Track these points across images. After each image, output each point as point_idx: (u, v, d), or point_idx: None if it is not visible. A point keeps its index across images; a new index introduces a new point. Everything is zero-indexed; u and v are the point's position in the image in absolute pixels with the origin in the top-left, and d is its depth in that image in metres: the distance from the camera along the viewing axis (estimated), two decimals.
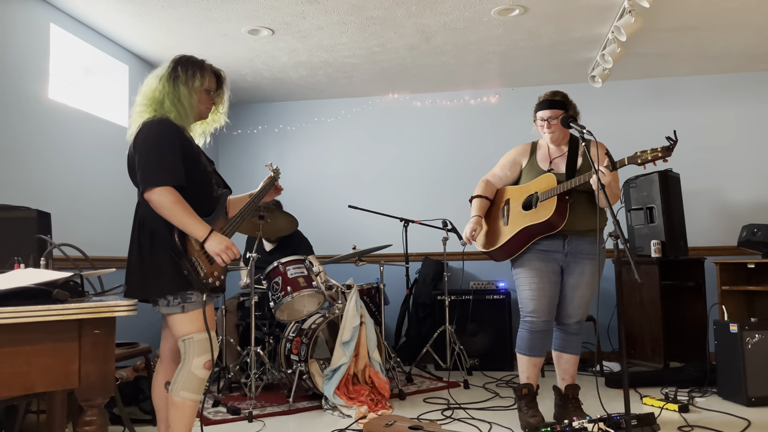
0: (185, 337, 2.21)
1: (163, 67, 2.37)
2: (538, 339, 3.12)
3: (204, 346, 2.22)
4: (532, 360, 3.15)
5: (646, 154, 2.80)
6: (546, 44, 4.50)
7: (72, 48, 3.97)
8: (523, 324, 3.16)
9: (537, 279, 3.09)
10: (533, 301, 3.09)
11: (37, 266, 1.58)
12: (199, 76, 2.36)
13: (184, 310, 2.21)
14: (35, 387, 1.36)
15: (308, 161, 5.82)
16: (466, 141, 5.59)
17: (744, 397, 3.42)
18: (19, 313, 1.27)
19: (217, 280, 2.28)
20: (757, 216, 5.07)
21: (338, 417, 3.39)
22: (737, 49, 4.68)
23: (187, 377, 2.18)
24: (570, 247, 3.10)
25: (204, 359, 2.21)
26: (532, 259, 3.12)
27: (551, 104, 3.13)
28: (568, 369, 3.19)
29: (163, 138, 2.22)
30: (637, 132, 5.31)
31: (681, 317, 4.72)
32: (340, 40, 4.34)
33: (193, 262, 2.19)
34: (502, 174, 3.34)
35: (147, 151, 2.20)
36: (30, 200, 3.37)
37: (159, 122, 2.24)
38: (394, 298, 5.27)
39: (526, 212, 3.12)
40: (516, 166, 3.31)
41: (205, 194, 2.33)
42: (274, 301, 3.74)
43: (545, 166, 3.19)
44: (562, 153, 3.21)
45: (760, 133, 5.20)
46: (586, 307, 3.15)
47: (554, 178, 3.06)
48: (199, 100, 2.37)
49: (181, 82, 2.32)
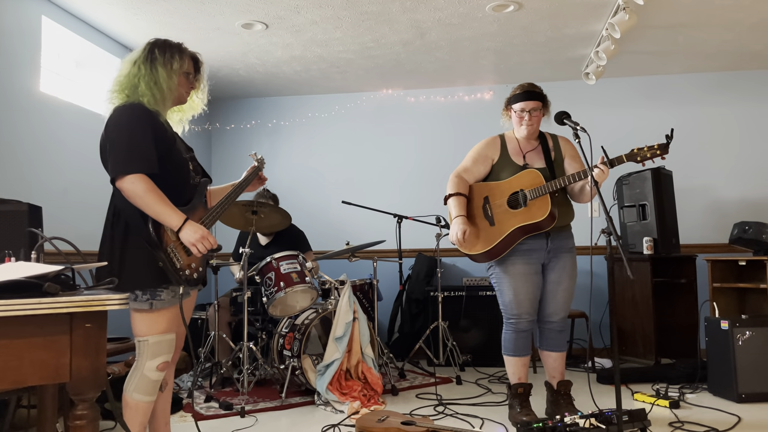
0: (141, 338, 2.13)
1: (138, 51, 2.28)
2: (525, 338, 3.13)
3: (159, 348, 2.14)
4: (521, 360, 3.15)
5: (644, 151, 2.79)
6: (540, 41, 4.50)
7: (64, 41, 3.94)
8: (508, 326, 3.13)
9: (520, 282, 3.06)
10: (517, 305, 3.07)
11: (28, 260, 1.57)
12: (178, 58, 2.28)
13: (152, 308, 2.13)
14: (26, 381, 1.35)
15: (302, 156, 5.81)
16: (460, 137, 5.59)
17: (734, 393, 3.44)
18: (9, 307, 1.25)
19: (194, 272, 2.20)
20: (749, 214, 5.10)
21: (331, 412, 3.39)
22: (730, 47, 4.69)
23: (140, 379, 2.12)
24: (552, 243, 3.09)
25: (158, 361, 2.14)
26: (515, 263, 3.06)
27: (532, 95, 3.08)
28: (557, 367, 3.19)
29: (134, 123, 2.13)
30: (629, 130, 5.33)
31: (672, 314, 4.75)
32: (334, 35, 4.33)
33: (169, 253, 2.11)
34: (475, 169, 3.20)
35: (118, 138, 2.12)
36: (21, 194, 3.34)
37: (131, 107, 2.16)
38: (387, 294, 5.28)
39: (515, 211, 3.03)
40: (487, 160, 3.20)
41: (179, 182, 2.25)
42: (266, 296, 3.73)
43: (519, 161, 3.13)
44: (533, 147, 3.16)
45: (752, 131, 5.22)
46: (569, 302, 3.14)
47: (540, 175, 3.00)
48: (178, 83, 2.29)
49: (159, 64, 2.23)
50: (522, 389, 3.14)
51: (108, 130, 2.16)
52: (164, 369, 2.17)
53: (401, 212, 5.02)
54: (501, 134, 3.26)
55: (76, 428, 1.38)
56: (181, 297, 2.20)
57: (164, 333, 2.16)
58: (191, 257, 2.19)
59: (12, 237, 2.22)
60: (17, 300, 1.27)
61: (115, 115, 2.16)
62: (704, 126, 5.28)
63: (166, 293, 2.16)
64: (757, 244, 4.29)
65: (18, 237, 2.22)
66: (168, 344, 2.18)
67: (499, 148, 3.20)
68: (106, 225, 2.21)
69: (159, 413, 2.34)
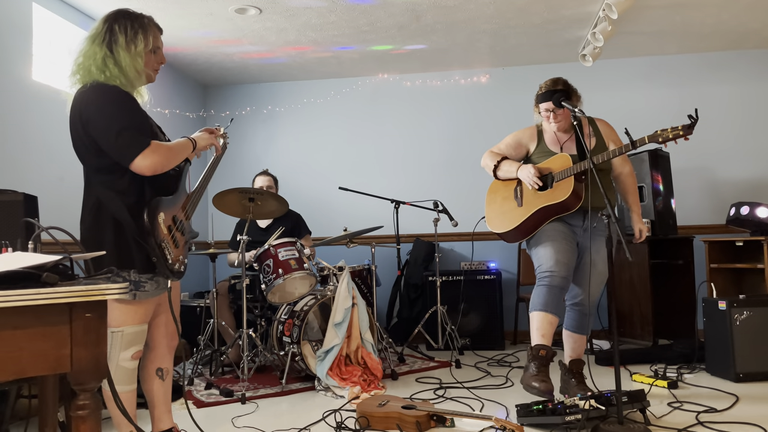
0: (116, 329, 2.09)
1: (95, 28, 2.13)
2: (556, 295, 2.98)
3: (134, 339, 2.11)
4: (548, 317, 2.95)
5: (667, 132, 2.77)
6: (537, 22, 4.46)
7: (55, 28, 3.89)
8: (541, 280, 3.03)
9: (559, 239, 3.05)
10: (552, 258, 3.00)
11: (25, 250, 1.55)
12: (142, 36, 2.13)
13: (135, 298, 2.10)
14: (26, 371, 1.34)
15: (298, 143, 5.78)
16: (457, 121, 5.57)
17: (732, 373, 3.47)
18: (7, 298, 1.24)
19: (182, 265, 2.18)
20: (746, 194, 5.10)
21: (331, 398, 3.40)
22: (727, 27, 4.67)
23: (116, 371, 2.09)
24: (588, 223, 3.10)
25: (132, 351, 2.11)
26: (555, 227, 3.08)
27: (553, 95, 3.08)
28: (577, 348, 3.20)
29: (118, 104, 2.05)
30: (627, 111, 5.30)
31: (670, 295, 4.76)
32: (328, 18, 4.28)
33: (163, 246, 2.07)
34: (507, 153, 3.28)
35: (108, 124, 2.01)
36: (16, 184, 3.31)
37: (108, 90, 2.06)
38: (385, 280, 5.28)
39: (541, 193, 3.09)
40: (521, 148, 3.26)
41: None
42: (265, 283, 3.72)
43: (556, 150, 3.17)
44: (570, 136, 3.19)
45: (749, 112, 5.21)
46: (602, 287, 3.14)
47: (569, 158, 3.05)
48: (145, 64, 2.16)
49: (121, 48, 2.09)
50: (544, 351, 2.95)
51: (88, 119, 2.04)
52: (138, 357, 2.15)
53: (398, 197, 5.00)
54: (539, 124, 3.29)
55: (78, 418, 1.38)
56: (169, 289, 2.18)
57: (140, 323, 2.15)
58: (179, 249, 2.17)
59: (8, 227, 2.21)
60: (15, 290, 1.26)
61: (91, 100, 2.05)
62: (701, 106, 5.25)
63: (150, 284, 2.14)
64: (755, 224, 4.29)
65: (14, 227, 2.21)
66: (142, 335, 2.16)
67: (536, 139, 3.24)
68: (87, 217, 2.13)
69: (160, 401, 2.34)
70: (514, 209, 3.19)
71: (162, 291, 2.21)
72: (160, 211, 2.10)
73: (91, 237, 2.11)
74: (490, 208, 3.35)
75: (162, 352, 2.33)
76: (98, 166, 2.11)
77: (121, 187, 2.10)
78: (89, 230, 2.12)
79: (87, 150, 2.10)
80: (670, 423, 2.74)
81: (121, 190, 2.09)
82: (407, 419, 2.71)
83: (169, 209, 2.17)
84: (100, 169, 2.11)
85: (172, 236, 2.13)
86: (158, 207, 2.10)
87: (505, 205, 3.25)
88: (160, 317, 2.30)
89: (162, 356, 2.33)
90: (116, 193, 2.09)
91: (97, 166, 2.11)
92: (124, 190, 2.10)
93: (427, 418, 2.74)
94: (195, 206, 2.34)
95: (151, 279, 2.14)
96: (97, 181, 2.11)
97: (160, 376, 2.31)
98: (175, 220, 2.20)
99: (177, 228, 2.20)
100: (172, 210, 2.19)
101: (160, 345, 2.33)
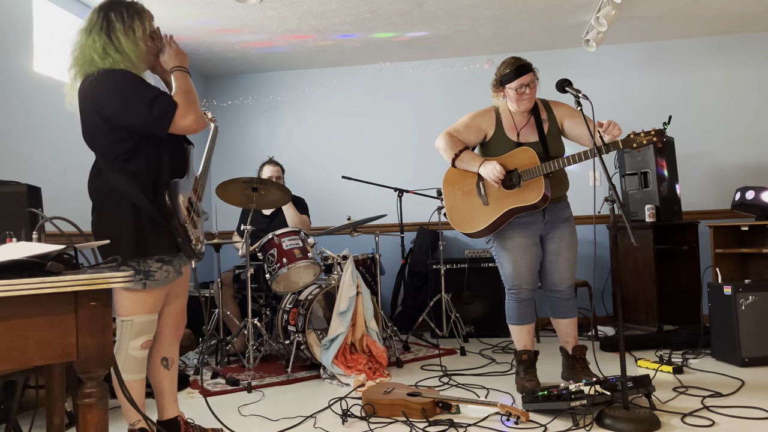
0: (125, 318, 2.10)
1: (89, 19, 2.11)
2: (527, 307, 3.19)
3: (144, 328, 2.13)
4: (524, 328, 3.21)
5: (640, 137, 2.79)
6: (539, 8, 4.42)
7: (56, 19, 3.88)
8: (509, 295, 3.21)
9: (519, 255, 3.11)
10: (517, 277, 3.13)
11: (30, 240, 1.56)
12: (139, 22, 2.13)
13: (145, 288, 2.11)
14: (32, 361, 1.34)
15: (300, 132, 5.76)
16: (459, 108, 5.50)
17: (737, 357, 3.46)
18: (13, 287, 1.24)
19: (202, 245, 2.22)
20: (751, 179, 5.07)
21: (337, 386, 3.41)
22: (731, 11, 4.62)
23: (125, 360, 2.10)
24: (549, 216, 3.13)
25: (142, 340, 2.13)
26: (513, 236, 3.11)
27: (526, 68, 3.03)
28: (569, 332, 3.25)
29: (133, 82, 2.05)
30: (631, 96, 5.27)
31: (675, 281, 4.75)
32: (330, 6, 4.25)
33: (186, 227, 2.11)
34: (466, 136, 3.16)
35: (136, 100, 2.02)
36: (19, 175, 3.30)
37: (119, 73, 2.06)
38: (389, 268, 5.28)
39: (508, 192, 3.03)
40: (480, 132, 3.16)
41: (176, 149, 2.21)
42: (269, 273, 3.73)
43: (513, 137, 3.11)
44: (526, 120, 3.13)
45: (754, 96, 5.17)
46: (573, 270, 3.18)
47: (534, 154, 2.99)
48: (146, 50, 2.17)
49: (120, 33, 2.08)
50: (526, 356, 3.19)
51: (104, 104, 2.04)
52: (148, 347, 2.16)
53: (402, 186, 4.99)
54: (495, 107, 3.21)
55: (86, 406, 1.38)
56: (180, 274, 2.20)
57: (150, 313, 2.15)
58: (198, 230, 2.20)
59: (12, 218, 2.21)
60: (20, 280, 1.26)
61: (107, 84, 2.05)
62: (706, 91, 5.22)
63: (160, 273, 2.14)
64: (760, 209, 4.27)
65: (18, 218, 2.21)
66: (152, 324, 2.17)
67: (494, 122, 3.16)
68: (100, 204, 2.13)
69: (167, 391, 2.35)
70: (480, 207, 3.09)
71: (172, 280, 2.21)
72: (179, 192, 2.13)
73: (108, 224, 2.11)
74: (452, 204, 3.21)
75: (168, 341, 2.35)
76: (115, 152, 2.11)
77: (138, 172, 2.11)
78: (105, 218, 2.13)
79: (104, 137, 2.10)
80: (676, 408, 2.74)
81: (138, 175, 2.11)
82: (413, 406, 2.72)
83: (186, 191, 2.20)
84: (117, 156, 2.11)
85: (191, 217, 2.16)
86: (177, 188, 2.12)
87: (469, 202, 3.13)
88: (168, 307, 2.31)
89: (167, 346, 2.34)
90: (133, 178, 2.10)
91: (114, 153, 2.11)
92: (140, 175, 2.11)
93: (433, 404, 2.75)
94: (204, 187, 2.37)
95: (161, 268, 2.15)
96: (114, 168, 2.11)
97: (165, 365, 2.32)
98: (191, 202, 2.23)
99: (194, 209, 2.23)
100: (188, 192, 2.22)
101: (165, 335, 2.34)
